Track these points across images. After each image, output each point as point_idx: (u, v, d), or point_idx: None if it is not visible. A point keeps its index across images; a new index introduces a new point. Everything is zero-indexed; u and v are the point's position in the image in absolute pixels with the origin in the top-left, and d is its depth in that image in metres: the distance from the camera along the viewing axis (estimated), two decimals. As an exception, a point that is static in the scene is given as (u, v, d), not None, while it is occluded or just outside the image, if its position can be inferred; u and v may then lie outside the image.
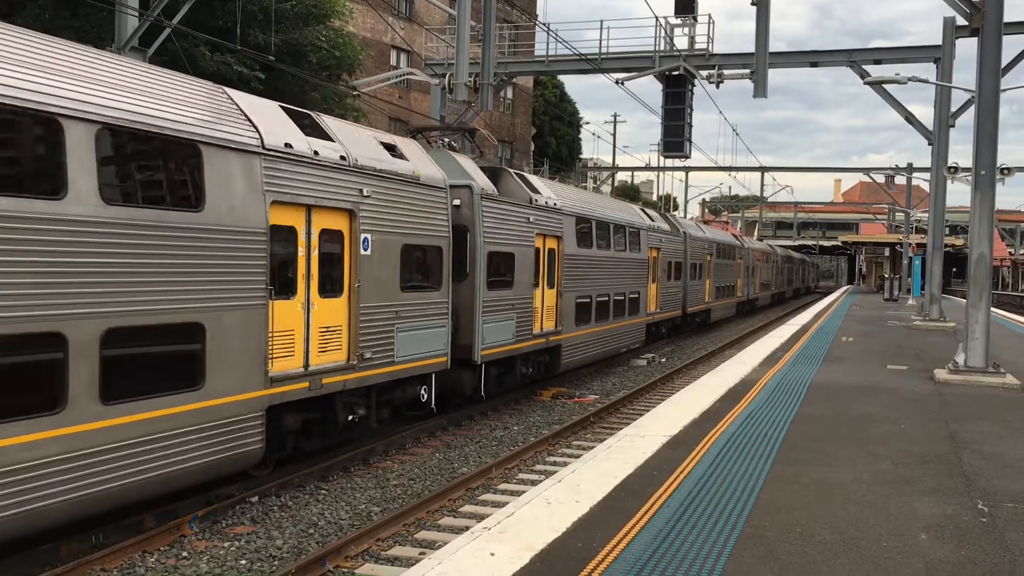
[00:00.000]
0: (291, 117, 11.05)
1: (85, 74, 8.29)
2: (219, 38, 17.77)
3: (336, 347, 11.34)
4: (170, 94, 9.19)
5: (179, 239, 8.75)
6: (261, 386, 9.81)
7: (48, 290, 7.47)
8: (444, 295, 13.84)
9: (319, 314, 11.00)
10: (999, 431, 10.67)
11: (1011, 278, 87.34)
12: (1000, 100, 14.82)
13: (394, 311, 12.51)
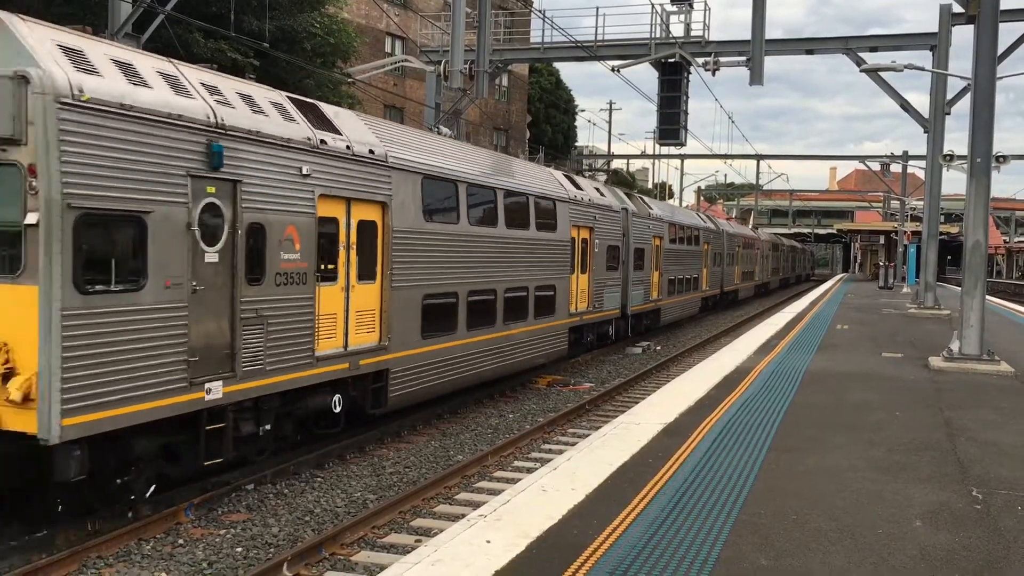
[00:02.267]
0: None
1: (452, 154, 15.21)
2: (213, 24, 17.67)
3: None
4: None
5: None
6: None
7: (453, 269, 14.39)
8: (621, 276, 23.69)
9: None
10: (994, 418, 10.71)
11: (1006, 266, 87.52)
12: (996, 88, 14.80)
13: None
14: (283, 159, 10.39)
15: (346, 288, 11.76)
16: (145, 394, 8.53)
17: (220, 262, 9.47)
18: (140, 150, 8.47)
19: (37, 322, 7.68)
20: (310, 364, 10.92)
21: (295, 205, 10.59)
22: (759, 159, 63.63)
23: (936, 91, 26.42)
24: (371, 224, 12.25)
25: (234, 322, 9.64)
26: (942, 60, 25.08)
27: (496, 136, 57.95)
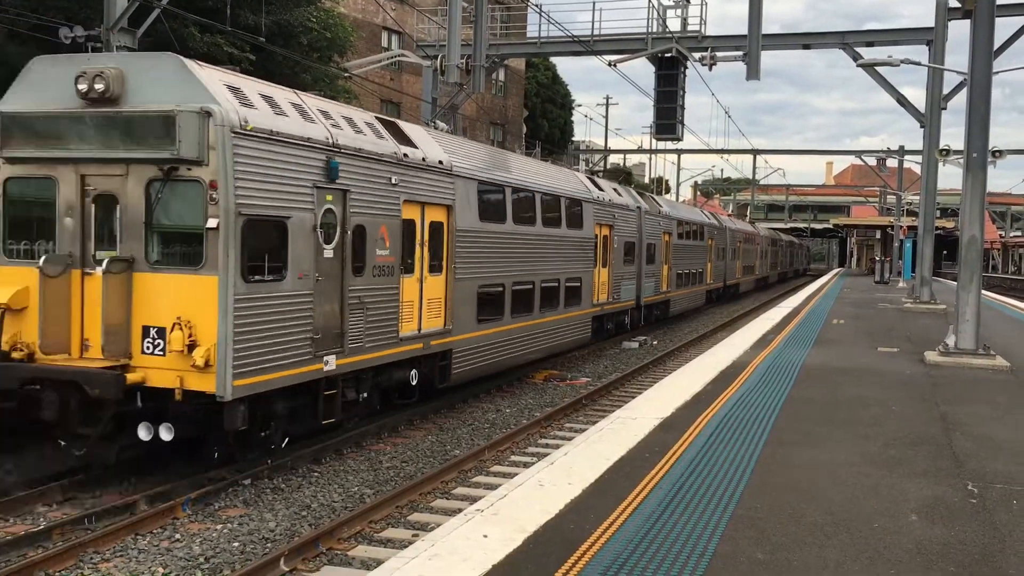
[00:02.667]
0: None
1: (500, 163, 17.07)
2: (209, 19, 17.63)
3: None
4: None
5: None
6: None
7: (501, 263, 16.27)
8: (635, 269, 25.60)
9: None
10: (989, 413, 10.73)
11: (1001, 261, 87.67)
12: (992, 83, 14.81)
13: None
14: (378, 171, 12.33)
15: (420, 279, 13.66)
16: (285, 363, 10.42)
17: (334, 257, 11.36)
18: (283, 167, 10.42)
19: (215, 304, 9.54)
20: (395, 343, 12.85)
21: (386, 209, 12.51)
22: (755, 154, 63.64)
23: (932, 86, 26.43)
24: (439, 224, 14.18)
25: (343, 307, 11.55)
26: (938, 55, 25.09)
27: (492, 131, 57.89)
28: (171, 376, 9.64)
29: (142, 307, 9.84)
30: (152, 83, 9.91)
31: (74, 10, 17.06)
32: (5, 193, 10.52)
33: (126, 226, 10.02)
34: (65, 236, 10.26)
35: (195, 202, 9.70)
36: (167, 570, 8.09)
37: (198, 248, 9.73)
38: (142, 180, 9.91)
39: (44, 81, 10.34)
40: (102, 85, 9.81)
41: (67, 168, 10.20)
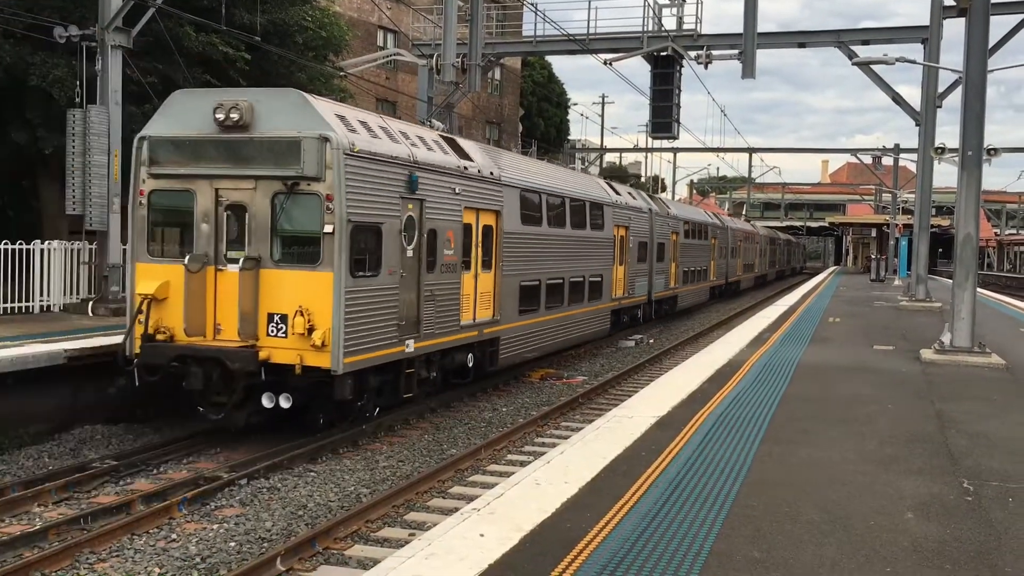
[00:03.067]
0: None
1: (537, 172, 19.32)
2: (204, 18, 17.60)
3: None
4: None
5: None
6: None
7: (538, 261, 18.13)
8: (647, 267, 27.38)
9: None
10: (984, 410, 10.75)
11: (996, 258, 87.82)
12: (987, 81, 14.83)
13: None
14: (446, 182, 14.25)
15: (475, 275, 15.59)
16: (379, 345, 12.37)
17: (413, 256, 13.26)
18: (379, 182, 12.33)
19: (330, 295, 11.47)
20: (457, 330, 14.81)
21: (451, 215, 14.44)
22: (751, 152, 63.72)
23: (927, 84, 26.47)
24: (489, 227, 16.11)
25: (419, 298, 13.42)
26: (933, 53, 25.13)
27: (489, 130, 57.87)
28: (292, 354, 11.53)
29: (267, 298, 11.73)
30: (277, 113, 11.78)
31: (69, 9, 17.03)
32: (149, 203, 12.38)
33: (254, 231, 11.88)
34: (202, 239, 12.09)
35: (314, 211, 11.61)
36: (163, 570, 8.08)
37: (315, 249, 11.64)
38: (268, 193, 11.76)
39: (184, 110, 12.20)
40: (236, 115, 11.64)
41: (204, 182, 12.04)
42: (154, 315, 11.98)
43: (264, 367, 11.49)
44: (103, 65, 16.54)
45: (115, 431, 13.08)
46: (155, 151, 12.21)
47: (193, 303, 11.89)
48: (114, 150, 16.75)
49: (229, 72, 18.48)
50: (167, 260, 12.22)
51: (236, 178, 11.88)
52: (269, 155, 11.68)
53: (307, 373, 11.54)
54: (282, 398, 11.76)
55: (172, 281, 11.95)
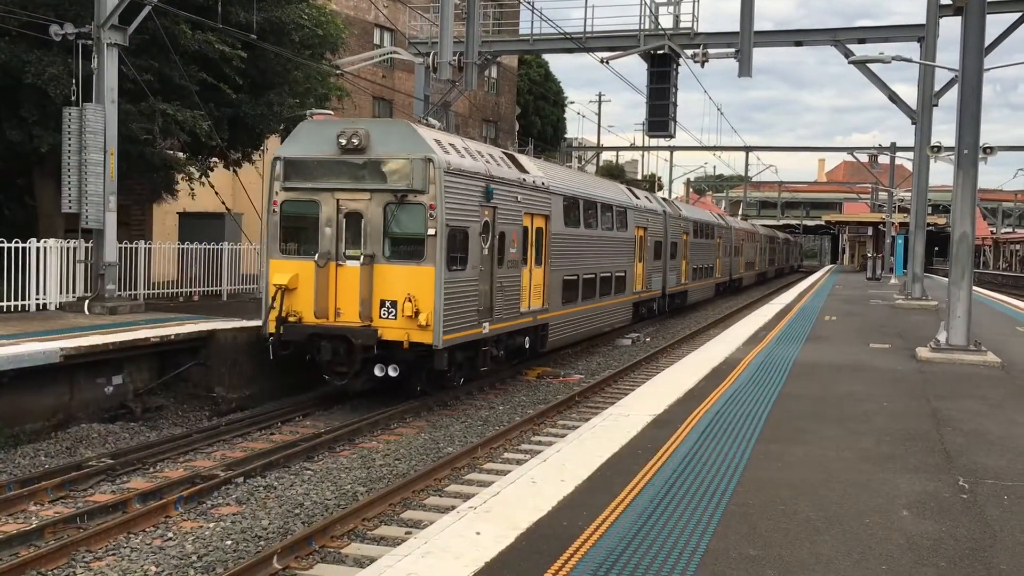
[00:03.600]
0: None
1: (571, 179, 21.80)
2: (200, 16, 17.56)
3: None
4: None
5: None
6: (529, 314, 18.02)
7: (577, 258, 20.55)
8: (662, 264, 29.75)
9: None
10: (980, 408, 10.77)
11: (992, 257, 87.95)
12: (983, 80, 14.85)
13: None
14: (510, 192, 16.75)
15: (530, 270, 17.96)
16: (465, 326, 14.93)
17: (488, 254, 15.78)
18: (466, 193, 14.92)
19: (432, 285, 14.01)
20: (518, 316, 17.37)
21: (514, 219, 16.98)
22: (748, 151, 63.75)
23: (924, 83, 26.48)
24: (540, 229, 18.50)
25: (492, 288, 15.96)
26: (930, 52, 25.13)
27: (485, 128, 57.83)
28: (400, 333, 14.08)
29: (380, 287, 14.24)
30: (388, 138, 14.45)
31: (65, 7, 16.98)
32: (282, 211, 14.81)
33: (369, 234, 14.36)
34: (325, 240, 14.51)
35: (419, 218, 14.15)
36: (159, 568, 8.08)
37: (420, 248, 14.15)
38: (381, 203, 14.31)
39: (311, 136, 14.80)
40: (356, 140, 14.30)
41: (327, 194, 14.54)
42: (286, 302, 14.50)
43: (378, 343, 14.07)
44: (99, 63, 16.51)
45: (111, 430, 13.09)
46: (288, 169, 14.74)
47: (320, 292, 14.44)
48: (110, 148, 16.72)
49: (225, 70, 18.43)
50: (296, 257, 14.71)
51: (354, 191, 14.44)
52: (382, 172, 14.34)
53: (412, 348, 14.16)
54: (391, 368, 14.35)
55: (301, 274, 14.53)
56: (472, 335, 15.25)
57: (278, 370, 15.39)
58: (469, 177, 15.02)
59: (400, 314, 14.09)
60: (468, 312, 14.98)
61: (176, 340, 14.53)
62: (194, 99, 17.90)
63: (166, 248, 21.30)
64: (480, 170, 15.50)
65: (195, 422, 14.17)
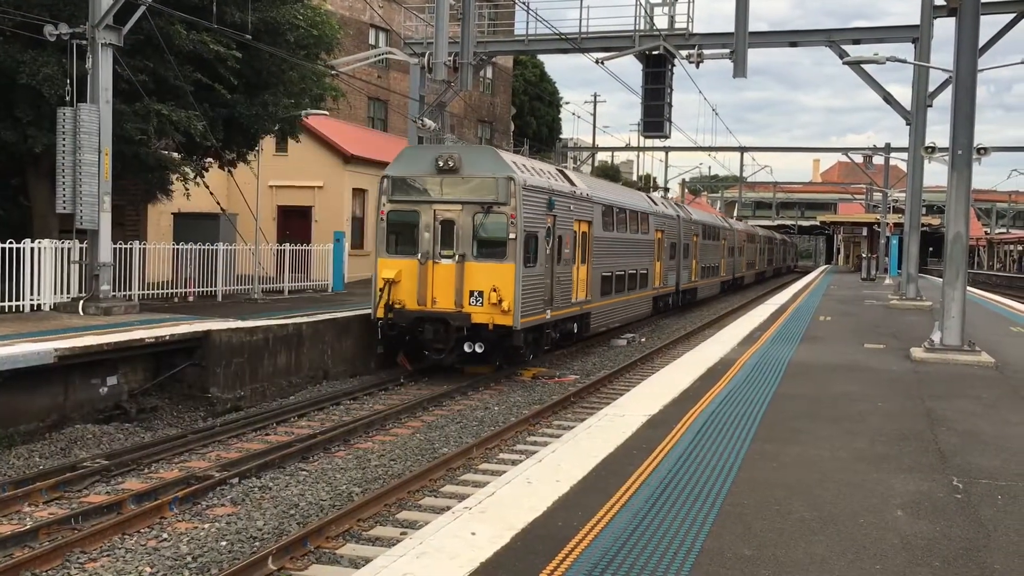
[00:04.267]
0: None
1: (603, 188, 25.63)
2: (195, 16, 17.54)
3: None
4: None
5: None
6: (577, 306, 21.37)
7: (611, 257, 23.99)
8: (676, 263, 33.03)
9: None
10: (974, 408, 10.80)
11: (987, 257, 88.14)
12: (977, 80, 14.88)
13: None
14: (565, 203, 20.00)
15: (577, 268, 21.13)
16: (535, 312, 18.28)
17: (550, 253, 18.98)
18: (535, 204, 18.13)
19: (512, 279, 17.23)
20: (570, 306, 20.76)
21: (568, 225, 20.30)
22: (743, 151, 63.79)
23: (918, 83, 26.53)
24: (585, 233, 21.69)
25: (552, 282, 19.15)
26: (924, 53, 25.19)
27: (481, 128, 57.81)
28: (486, 316, 17.38)
29: (469, 280, 17.53)
30: (476, 161, 17.99)
31: (59, 7, 16.94)
32: (388, 219, 18.14)
33: (460, 237, 17.63)
34: (424, 243, 17.80)
35: (502, 225, 17.46)
36: (154, 569, 8.06)
37: (502, 249, 17.46)
38: (471, 213, 17.61)
39: (412, 159, 18.44)
40: (451, 162, 17.68)
41: (426, 206, 17.84)
42: (392, 292, 17.77)
43: (469, 325, 17.39)
44: (93, 63, 16.48)
45: (106, 430, 13.06)
46: (393, 186, 18.07)
47: (420, 284, 17.74)
48: (104, 148, 16.69)
49: (220, 70, 18.40)
50: (400, 256, 17.94)
51: (448, 203, 17.76)
52: (474, 188, 17.66)
53: (495, 330, 17.38)
54: (477, 346, 17.49)
55: (404, 270, 17.77)
56: (539, 320, 18.73)
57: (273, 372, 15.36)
58: (538, 191, 18.33)
59: (486, 302, 17.37)
60: (537, 301, 18.40)
61: (171, 340, 14.51)
62: (189, 99, 17.87)
63: (161, 248, 21.28)
64: (544, 185, 18.88)
65: (190, 423, 14.16)
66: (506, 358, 18.61)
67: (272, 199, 29.87)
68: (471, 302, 17.46)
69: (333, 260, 25.77)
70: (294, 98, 21.66)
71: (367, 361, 19.26)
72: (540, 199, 18.36)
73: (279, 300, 22.26)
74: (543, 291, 18.65)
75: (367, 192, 31.78)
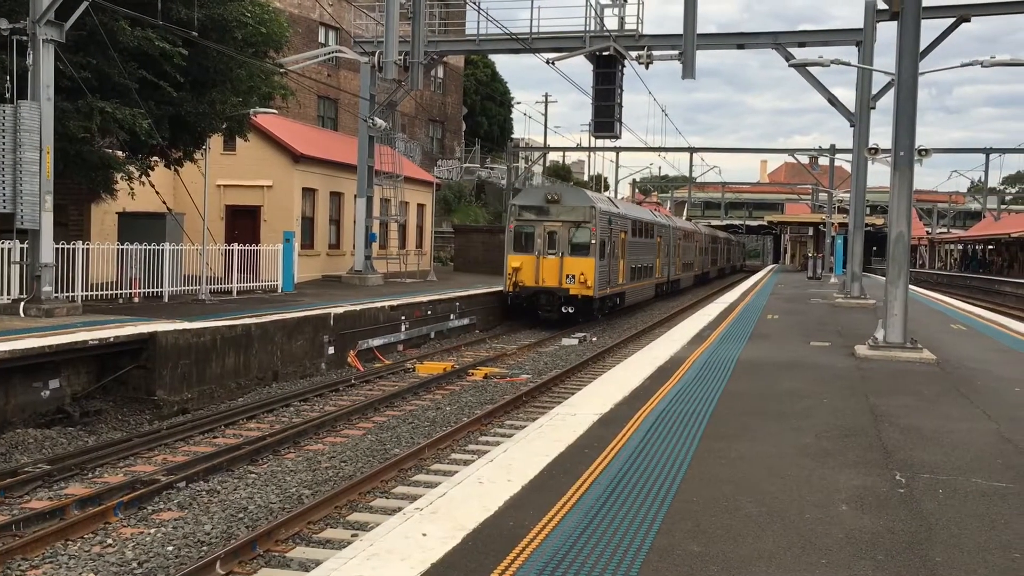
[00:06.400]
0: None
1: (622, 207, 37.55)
2: (140, 12, 17.22)
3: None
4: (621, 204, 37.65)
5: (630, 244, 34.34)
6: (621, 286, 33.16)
7: (633, 255, 34.75)
8: (667, 259, 44.02)
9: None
10: (916, 404, 11.03)
11: (928, 257, 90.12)
12: (919, 83, 15.21)
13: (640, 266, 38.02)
14: (615, 219, 30.69)
15: (619, 262, 31.10)
16: (602, 289, 28.90)
17: (610, 252, 29.40)
18: (604, 222, 28.89)
19: (592, 268, 27.91)
20: (617, 286, 31.21)
21: (616, 234, 30.54)
22: (692, 152, 64.43)
23: (862, 86, 27.05)
24: (623, 239, 31.65)
25: (610, 270, 29.63)
26: (867, 56, 25.69)
27: (432, 128, 57.60)
28: (576, 290, 27.67)
29: (566, 268, 27.67)
30: (571, 195, 29.39)
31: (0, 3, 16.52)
32: (514, 231, 28.31)
33: (559, 242, 27.94)
34: (537, 245, 27.94)
35: (586, 234, 27.80)
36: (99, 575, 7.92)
37: (587, 250, 27.78)
38: (567, 227, 27.98)
39: (529, 193, 31.04)
40: (556, 196, 28.50)
41: (539, 223, 28.06)
42: (518, 275, 28.03)
43: (566, 296, 27.75)
44: (34, 60, 16.10)
45: (48, 435, 12.78)
46: (519, 210, 28.87)
47: (535, 270, 28.06)
48: (46, 146, 16.31)
49: (165, 68, 18.10)
50: (522, 253, 28.34)
51: (553, 221, 28.26)
52: (570, 213, 28.18)
53: (582, 299, 27.85)
54: (570, 307, 27.85)
55: (524, 262, 28.17)
56: (604, 293, 29.49)
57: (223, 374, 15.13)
58: (605, 214, 29.25)
59: (576, 282, 27.83)
60: (604, 282, 29.03)
61: (115, 342, 14.24)
62: (133, 97, 17.54)
63: (105, 249, 20.86)
64: (608, 210, 30.20)
65: (136, 426, 13.91)
66: (585, 316, 28.82)
67: (220, 198, 29.44)
68: (567, 281, 27.87)
69: (283, 260, 25.49)
70: (242, 96, 21.38)
71: (317, 362, 19.10)
72: (606, 219, 29.20)
73: (228, 301, 21.97)
74: (607, 275, 29.47)
75: (317, 192, 31.49)
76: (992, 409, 10.81)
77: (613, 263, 29.98)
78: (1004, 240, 66.31)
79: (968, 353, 16.38)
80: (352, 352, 20.28)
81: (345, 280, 30.41)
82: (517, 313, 28.78)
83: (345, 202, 33.00)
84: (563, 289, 27.63)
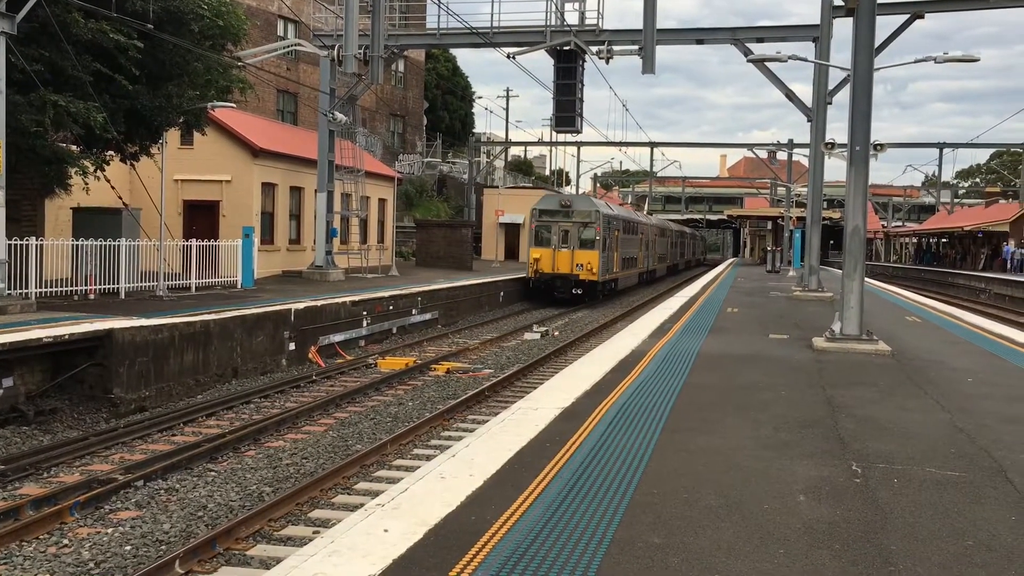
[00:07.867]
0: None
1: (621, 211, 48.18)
2: (94, 4, 16.92)
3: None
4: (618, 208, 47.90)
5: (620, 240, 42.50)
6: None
7: (625, 248, 43.75)
8: (650, 252, 55.22)
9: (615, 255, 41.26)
10: (872, 395, 11.21)
11: (884, 250, 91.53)
12: (874, 79, 15.42)
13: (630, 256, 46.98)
14: (613, 219, 39.31)
15: (615, 253, 39.68)
16: (603, 275, 37.24)
17: (610, 246, 38.17)
18: (605, 223, 37.22)
19: (597, 258, 36.21)
20: (613, 273, 40.05)
21: (613, 231, 39.18)
22: (653, 146, 64.85)
23: (818, 82, 27.38)
24: (617, 235, 39.86)
25: (610, 260, 38.63)
26: (824, 51, 26.01)
27: (392, 122, 57.33)
28: (584, 276, 35.85)
29: (576, 258, 35.84)
30: (580, 202, 39.01)
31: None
32: (535, 230, 36.71)
33: (571, 238, 36.15)
34: (553, 240, 36.21)
35: (592, 232, 36.13)
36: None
37: (592, 244, 36.04)
38: (578, 227, 36.26)
39: (546, 201, 38.06)
40: (568, 203, 37.63)
41: (554, 224, 36.37)
42: (538, 264, 35.69)
43: (575, 280, 35.51)
44: (-16, 51, 15.76)
45: (1, 434, 12.56)
46: (539, 213, 36.49)
47: (552, 260, 35.59)
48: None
49: (120, 61, 17.81)
50: (540, 247, 35.91)
51: (565, 221, 36.11)
52: (580, 217, 36.15)
53: (588, 283, 35.71)
54: (579, 290, 35.60)
55: (543, 253, 35.76)
56: (605, 279, 36.76)
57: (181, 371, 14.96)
58: (607, 217, 36.69)
59: (584, 269, 35.25)
60: (604, 270, 36.21)
61: (71, 340, 14.01)
62: (88, 90, 17.24)
63: (59, 245, 20.51)
64: (607, 212, 37.49)
65: (92, 424, 13.71)
66: (590, 296, 36.31)
67: (178, 193, 29.06)
68: (576, 269, 35.40)
69: (242, 256, 25.22)
70: (199, 90, 21.10)
71: (278, 359, 18.95)
72: (606, 219, 36.71)
73: (186, 297, 21.71)
74: (607, 264, 36.81)
75: (277, 187, 31.20)
76: (945, 400, 11.02)
77: (611, 255, 38.05)
78: (957, 233, 67.57)
79: (922, 345, 16.67)
80: (313, 348, 20.15)
81: (306, 275, 30.19)
82: (536, 295, 36.49)
83: (305, 197, 32.74)
84: (574, 275, 35.50)
